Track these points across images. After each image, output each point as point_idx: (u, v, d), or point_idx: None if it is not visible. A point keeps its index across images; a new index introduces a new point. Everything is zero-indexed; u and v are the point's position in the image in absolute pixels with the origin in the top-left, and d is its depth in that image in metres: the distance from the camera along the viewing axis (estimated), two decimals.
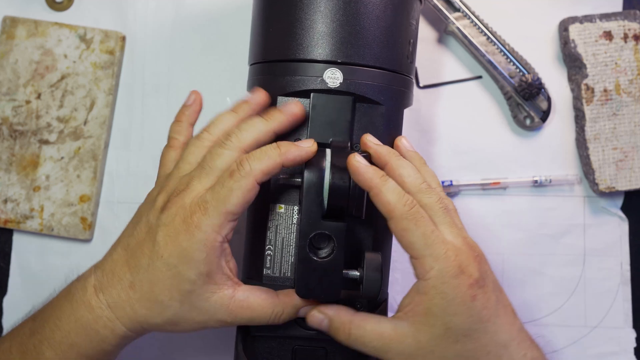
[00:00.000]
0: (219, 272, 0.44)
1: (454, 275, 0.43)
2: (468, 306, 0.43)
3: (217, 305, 0.45)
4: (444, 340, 0.43)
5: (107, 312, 0.45)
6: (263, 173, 0.44)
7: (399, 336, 0.44)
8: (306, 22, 0.47)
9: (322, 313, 0.46)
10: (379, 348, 0.45)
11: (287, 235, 0.49)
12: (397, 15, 0.49)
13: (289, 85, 0.48)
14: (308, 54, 0.47)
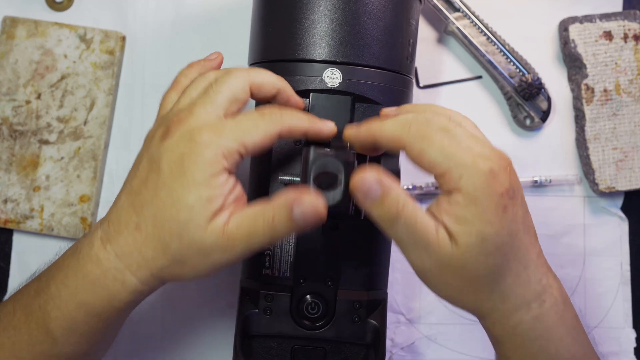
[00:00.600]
0: (219, 199, 0.40)
1: (485, 181, 0.40)
2: (500, 216, 0.40)
3: (213, 235, 0.40)
4: (478, 251, 0.40)
5: (115, 263, 0.42)
6: (290, 128, 0.42)
7: (440, 240, 0.40)
8: (305, 22, 0.47)
9: (379, 181, 0.40)
10: (419, 243, 0.41)
11: None
12: (396, 15, 0.49)
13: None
14: (307, 54, 0.47)
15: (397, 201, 0.40)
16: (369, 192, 0.40)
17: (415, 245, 0.41)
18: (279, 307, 0.49)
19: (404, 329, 0.64)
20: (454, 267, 0.41)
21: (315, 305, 0.49)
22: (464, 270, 0.41)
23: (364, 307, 0.49)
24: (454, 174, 0.40)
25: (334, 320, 0.49)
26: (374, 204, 0.40)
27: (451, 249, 0.41)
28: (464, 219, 0.40)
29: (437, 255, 0.41)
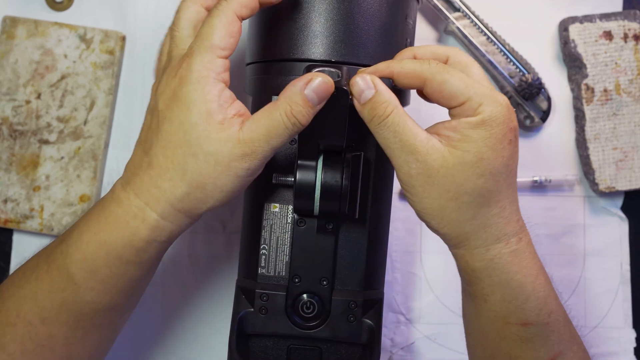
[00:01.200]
0: (220, 111, 0.42)
1: (502, 111, 0.42)
2: (504, 146, 0.43)
3: (228, 143, 0.42)
4: (472, 169, 0.42)
5: (135, 201, 0.44)
6: (241, 5, 0.43)
7: (429, 148, 0.42)
8: (301, 21, 0.47)
9: (372, 82, 0.42)
10: (405, 146, 0.42)
11: (281, 235, 0.49)
12: (392, 14, 0.49)
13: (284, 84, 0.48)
14: (302, 53, 0.47)
15: (387, 103, 0.42)
16: (363, 91, 0.42)
17: (401, 149, 0.42)
18: (275, 306, 0.49)
19: (404, 329, 0.64)
20: (441, 176, 0.42)
21: (310, 304, 0.49)
22: (451, 183, 0.42)
23: (360, 306, 0.49)
24: (474, 102, 0.42)
25: (329, 320, 0.49)
26: (365, 102, 0.42)
27: (441, 159, 0.42)
28: (469, 137, 0.42)
29: (425, 162, 0.42)
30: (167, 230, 0.44)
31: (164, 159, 0.43)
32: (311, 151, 0.45)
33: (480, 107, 0.42)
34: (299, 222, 0.49)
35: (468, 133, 0.42)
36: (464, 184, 0.42)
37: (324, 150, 0.45)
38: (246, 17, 0.44)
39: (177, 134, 0.42)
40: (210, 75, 0.42)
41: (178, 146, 0.42)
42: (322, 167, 0.45)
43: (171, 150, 0.43)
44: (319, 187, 0.45)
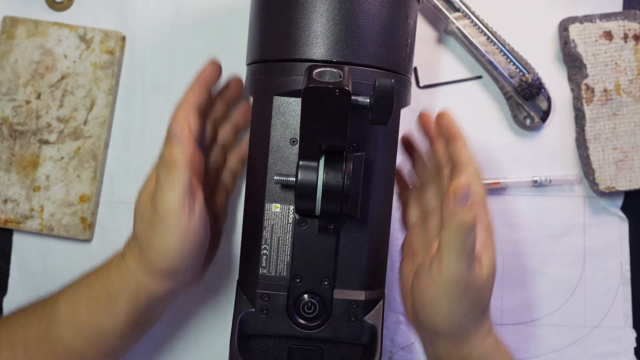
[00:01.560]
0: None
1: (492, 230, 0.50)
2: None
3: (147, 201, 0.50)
4: (491, 278, 0.48)
5: (117, 256, 0.53)
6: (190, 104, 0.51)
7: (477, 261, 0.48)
8: (302, 21, 0.47)
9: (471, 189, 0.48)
10: (471, 257, 0.47)
11: (282, 235, 0.49)
12: (393, 14, 0.49)
13: (286, 85, 0.48)
14: (303, 53, 0.47)
15: (474, 214, 0.46)
16: (464, 197, 0.46)
17: (468, 257, 0.46)
18: (276, 306, 0.49)
19: (404, 329, 0.64)
20: (476, 289, 0.47)
21: (311, 304, 0.49)
22: (479, 295, 0.48)
23: (361, 306, 0.49)
24: (481, 212, 0.49)
25: (330, 320, 0.49)
26: (463, 208, 0.46)
27: (480, 272, 0.47)
28: (487, 249, 0.48)
29: (475, 274, 0.47)
30: (133, 284, 0.50)
31: (135, 214, 0.52)
32: (312, 151, 0.45)
33: None
34: (300, 222, 0.49)
35: (485, 243, 0.48)
36: (487, 292, 0.48)
37: (326, 151, 0.45)
38: (200, 109, 0.52)
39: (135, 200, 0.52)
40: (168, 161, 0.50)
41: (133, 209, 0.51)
42: (324, 167, 0.45)
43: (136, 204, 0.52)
44: (320, 188, 0.45)
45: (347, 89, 0.41)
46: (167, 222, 0.48)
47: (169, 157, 0.48)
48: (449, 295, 0.47)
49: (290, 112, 0.49)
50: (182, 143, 0.48)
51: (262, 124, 0.50)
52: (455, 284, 0.46)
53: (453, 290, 0.46)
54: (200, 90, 0.52)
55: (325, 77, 0.43)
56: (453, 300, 0.47)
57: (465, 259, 0.46)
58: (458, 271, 0.46)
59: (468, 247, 0.46)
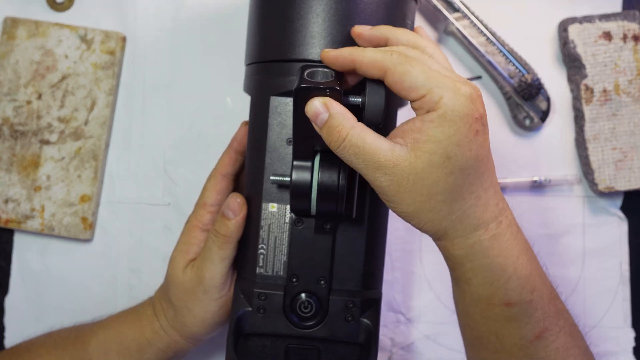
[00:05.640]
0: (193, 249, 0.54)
1: (464, 103, 0.42)
2: (470, 139, 0.42)
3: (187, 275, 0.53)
4: (440, 169, 0.42)
5: (150, 308, 0.55)
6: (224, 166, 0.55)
7: (395, 158, 0.42)
8: (298, 22, 0.47)
9: (324, 105, 0.42)
10: (369, 165, 0.42)
11: (279, 234, 0.49)
12: (390, 15, 0.49)
13: (282, 85, 0.48)
14: (300, 54, 0.47)
15: (341, 126, 0.42)
16: (318, 115, 0.42)
17: (367, 167, 0.42)
18: (273, 305, 0.49)
19: (404, 329, 0.64)
20: (412, 183, 0.42)
21: (308, 304, 0.49)
22: (422, 187, 0.42)
23: (358, 306, 0.49)
24: (435, 95, 0.41)
25: (327, 319, 0.49)
26: (322, 126, 0.42)
27: (409, 167, 0.42)
28: (434, 137, 0.42)
29: (393, 173, 0.42)
30: (165, 340, 0.54)
31: (164, 284, 0.55)
32: (306, 151, 0.45)
33: (442, 101, 0.41)
34: (296, 221, 0.49)
35: (433, 133, 0.42)
36: (434, 185, 0.42)
37: (321, 151, 0.46)
38: (232, 173, 0.55)
39: (168, 267, 0.54)
40: (199, 225, 0.54)
41: (166, 277, 0.54)
42: (319, 166, 0.45)
43: (165, 279, 0.55)
44: (315, 187, 0.45)
45: (338, 89, 0.41)
46: (212, 293, 0.51)
47: (226, 232, 0.50)
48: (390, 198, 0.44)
49: (287, 112, 0.49)
50: (238, 220, 0.50)
51: (260, 124, 0.50)
52: (384, 189, 0.43)
53: (387, 193, 0.44)
54: (237, 156, 0.55)
55: (317, 77, 0.43)
56: (396, 200, 0.44)
57: (363, 169, 0.43)
58: (370, 180, 0.43)
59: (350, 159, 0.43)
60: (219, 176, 0.54)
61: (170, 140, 0.65)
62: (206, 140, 0.64)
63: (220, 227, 0.50)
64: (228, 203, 0.50)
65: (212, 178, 0.55)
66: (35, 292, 0.65)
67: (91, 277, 0.65)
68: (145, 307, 0.56)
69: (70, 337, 0.56)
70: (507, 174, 0.64)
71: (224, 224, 0.50)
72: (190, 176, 0.64)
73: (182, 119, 0.65)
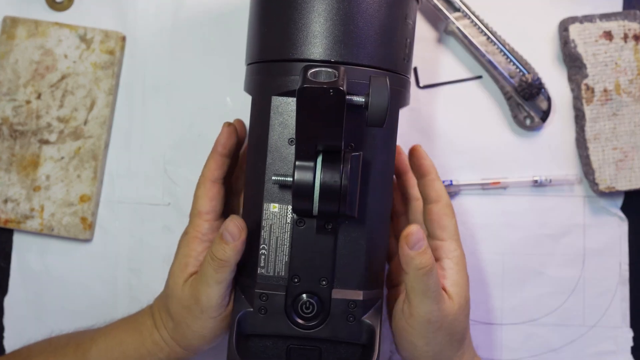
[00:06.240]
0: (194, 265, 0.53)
1: (465, 262, 0.53)
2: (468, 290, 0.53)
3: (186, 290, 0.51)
4: (464, 312, 0.51)
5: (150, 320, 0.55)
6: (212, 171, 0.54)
7: (445, 298, 0.50)
8: (300, 21, 0.47)
9: (424, 235, 0.49)
10: (437, 297, 0.49)
11: (281, 235, 0.49)
12: (391, 14, 0.49)
13: (284, 85, 0.48)
14: (301, 53, 0.47)
15: (431, 256, 0.48)
16: (419, 240, 0.48)
17: (434, 297, 0.48)
18: (274, 306, 0.49)
19: None
20: (449, 322, 0.50)
21: (310, 304, 0.49)
22: (453, 327, 0.50)
23: (359, 306, 0.49)
24: (452, 247, 0.52)
25: (328, 320, 0.49)
26: (418, 252, 0.48)
27: (451, 305, 0.50)
28: (457, 282, 0.51)
29: (444, 310, 0.49)
30: (165, 351, 0.54)
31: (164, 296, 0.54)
32: (309, 151, 0.45)
33: (455, 252, 0.52)
34: (298, 222, 0.49)
35: (455, 278, 0.51)
36: (461, 326, 0.51)
37: (323, 151, 0.45)
38: (221, 177, 0.54)
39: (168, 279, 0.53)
40: (197, 236, 0.53)
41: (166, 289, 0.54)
42: (322, 167, 0.45)
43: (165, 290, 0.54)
44: (318, 188, 0.45)
45: (342, 89, 0.41)
46: (210, 313, 0.50)
47: (223, 256, 0.49)
48: (423, 335, 0.49)
49: (289, 112, 0.49)
50: (237, 245, 0.49)
51: (261, 123, 0.50)
52: (427, 324, 0.49)
53: (425, 329, 0.49)
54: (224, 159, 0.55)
55: (320, 77, 0.42)
56: (427, 339, 0.49)
57: (431, 299, 0.48)
58: (427, 312, 0.48)
59: (431, 288, 0.48)
60: (208, 183, 0.54)
61: (170, 140, 0.65)
62: (206, 140, 0.64)
63: (217, 250, 0.49)
64: (227, 226, 0.48)
65: (201, 185, 0.54)
66: (34, 293, 0.65)
67: (91, 277, 0.65)
68: (145, 316, 0.55)
69: (70, 344, 0.56)
70: (508, 174, 0.64)
71: (222, 248, 0.49)
72: (190, 176, 0.64)
73: (182, 119, 0.65)
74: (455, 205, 0.59)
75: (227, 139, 0.54)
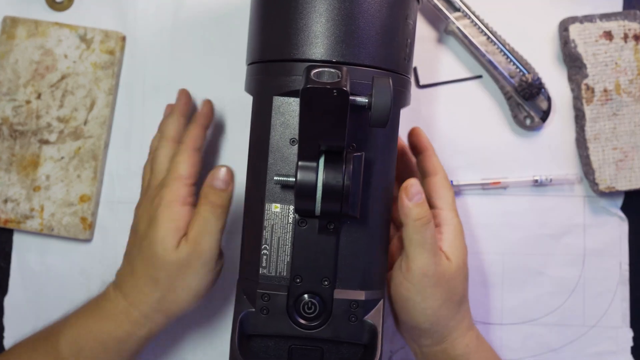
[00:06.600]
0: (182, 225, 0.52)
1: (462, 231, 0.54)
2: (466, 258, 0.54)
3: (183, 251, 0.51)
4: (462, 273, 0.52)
5: (122, 301, 0.53)
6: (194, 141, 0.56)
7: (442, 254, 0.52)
8: (301, 21, 0.47)
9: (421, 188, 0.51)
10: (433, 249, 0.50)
11: (282, 235, 0.49)
12: (393, 14, 0.49)
13: (285, 85, 0.48)
14: (303, 53, 0.47)
15: (429, 211, 0.50)
16: (417, 193, 0.49)
17: (431, 250, 0.50)
18: (276, 306, 0.49)
19: None
20: (446, 280, 0.51)
21: (312, 304, 0.49)
22: (450, 286, 0.51)
23: (361, 307, 0.49)
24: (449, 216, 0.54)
25: (330, 320, 0.49)
26: (416, 204, 0.49)
27: (448, 264, 0.51)
28: (455, 245, 0.53)
29: (442, 265, 0.50)
30: (147, 326, 0.53)
31: (142, 270, 0.52)
32: (312, 152, 0.45)
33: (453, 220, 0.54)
34: (300, 222, 0.49)
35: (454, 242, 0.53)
36: (458, 286, 0.52)
37: (325, 151, 0.45)
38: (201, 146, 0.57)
39: (150, 248, 0.51)
40: (178, 200, 0.52)
41: (150, 258, 0.52)
42: (324, 167, 0.45)
43: (146, 262, 0.52)
44: (320, 188, 0.45)
45: (345, 90, 0.41)
46: (210, 265, 0.52)
47: (222, 202, 0.51)
48: (420, 289, 0.50)
49: (290, 112, 0.49)
50: (231, 189, 0.51)
51: (262, 124, 0.50)
52: (424, 277, 0.50)
53: (423, 283, 0.50)
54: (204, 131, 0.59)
55: (323, 77, 0.43)
56: (425, 293, 0.50)
57: (428, 251, 0.50)
58: (424, 264, 0.50)
59: (428, 240, 0.49)
60: (190, 150, 0.55)
61: None
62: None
63: (216, 198, 0.51)
64: (217, 175, 0.51)
65: (183, 152, 0.55)
66: (34, 292, 0.65)
67: (91, 277, 0.65)
68: (114, 300, 0.54)
69: (40, 337, 0.55)
70: (508, 174, 0.64)
71: (219, 195, 0.51)
72: None
73: None
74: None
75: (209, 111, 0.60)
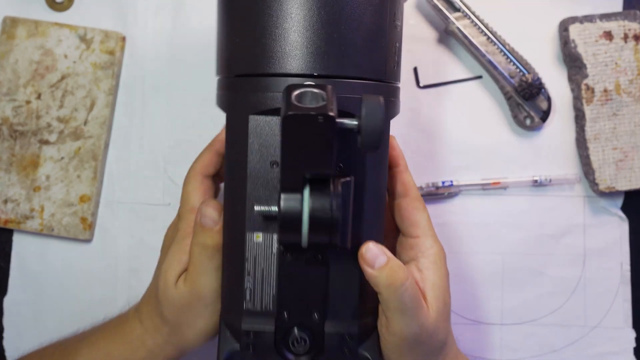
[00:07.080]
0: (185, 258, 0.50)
1: (444, 257, 0.48)
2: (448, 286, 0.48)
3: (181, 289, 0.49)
4: (443, 317, 0.46)
5: (139, 327, 0.52)
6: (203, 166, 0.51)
7: (425, 309, 0.46)
8: (276, 30, 0.41)
9: (382, 249, 0.44)
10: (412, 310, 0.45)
11: (266, 266, 0.45)
12: (379, 17, 0.43)
13: (262, 103, 0.42)
14: (280, 67, 0.41)
15: (402, 267, 0.44)
16: (377, 256, 0.43)
17: (411, 313, 0.44)
18: (263, 343, 0.45)
19: None
20: (428, 335, 0.46)
21: (301, 339, 0.45)
22: (432, 339, 0.46)
23: (355, 338, 0.45)
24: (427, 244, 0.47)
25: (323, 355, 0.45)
26: (381, 268, 0.43)
27: (429, 317, 0.45)
28: (435, 284, 0.46)
29: (423, 323, 0.45)
30: (160, 356, 0.52)
31: (154, 299, 0.51)
32: (295, 181, 0.40)
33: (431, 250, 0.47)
34: (285, 252, 0.44)
35: (433, 280, 0.46)
36: (441, 333, 0.46)
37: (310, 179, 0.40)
38: (213, 174, 0.51)
39: (156, 280, 0.50)
40: (190, 232, 0.49)
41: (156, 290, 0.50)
42: (310, 196, 0.40)
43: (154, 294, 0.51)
44: (306, 219, 0.40)
45: (332, 115, 0.36)
46: (215, 305, 0.48)
47: (212, 241, 0.47)
48: (402, 351, 0.46)
49: (268, 132, 0.43)
50: (220, 226, 0.47)
51: (238, 146, 0.44)
52: (404, 339, 0.45)
53: (404, 345, 0.45)
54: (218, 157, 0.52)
55: (306, 99, 0.38)
56: (405, 354, 0.46)
57: (408, 315, 0.44)
58: (403, 328, 0.45)
59: (407, 304, 0.44)
60: (200, 177, 0.51)
61: (170, 140, 0.65)
62: (206, 141, 0.64)
63: (205, 238, 0.47)
64: (204, 212, 0.47)
65: (193, 180, 0.51)
66: (34, 293, 0.65)
67: (91, 278, 0.65)
68: (132, 323, 0.53)
69: (55, 352, 0.54)
70: (508, 174, 0.64)
71: (207, 235, 0.47)
72: None
73: (182, 119, 0.65)
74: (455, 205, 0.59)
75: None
